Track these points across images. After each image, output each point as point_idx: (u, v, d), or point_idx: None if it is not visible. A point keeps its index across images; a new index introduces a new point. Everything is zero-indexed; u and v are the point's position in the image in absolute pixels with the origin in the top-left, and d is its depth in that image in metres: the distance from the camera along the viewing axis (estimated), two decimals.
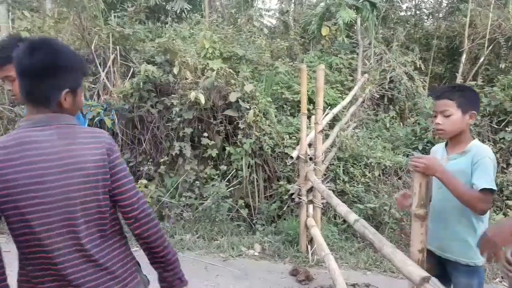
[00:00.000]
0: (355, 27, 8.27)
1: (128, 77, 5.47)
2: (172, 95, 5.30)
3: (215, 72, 5.09)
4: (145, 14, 8.76)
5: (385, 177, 5.27)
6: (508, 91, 5.93)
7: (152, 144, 5.50)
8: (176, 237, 4.48)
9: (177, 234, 4.54)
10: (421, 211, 1.82)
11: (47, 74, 1.33)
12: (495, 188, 1.87)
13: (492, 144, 5.52)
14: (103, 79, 5.65)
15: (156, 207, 4.96)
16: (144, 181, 5.02)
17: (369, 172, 5.22)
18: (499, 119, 5.77)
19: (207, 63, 5.41)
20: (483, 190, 1.86)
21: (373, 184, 5.14)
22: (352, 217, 2.44)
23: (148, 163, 5.30)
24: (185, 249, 4.24)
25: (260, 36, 8.09)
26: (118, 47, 5.85)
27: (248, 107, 5.12)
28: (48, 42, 1.37)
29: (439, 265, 2.10)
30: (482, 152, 1.96)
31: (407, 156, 5.62)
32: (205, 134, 5.19)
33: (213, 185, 4.99)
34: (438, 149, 2.22)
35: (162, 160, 5.19)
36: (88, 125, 5.38)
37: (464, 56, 8.33)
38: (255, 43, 7.05)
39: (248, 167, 5.18)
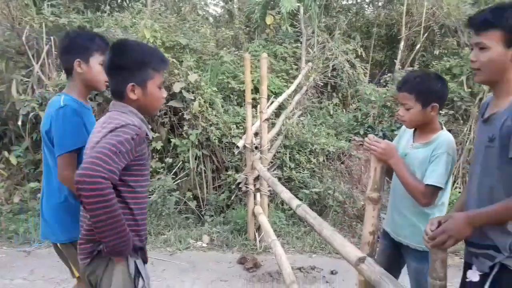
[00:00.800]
0: (299, 16, 8.38)
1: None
2: None
3: None
4: (83, 3, 8.34)
5: (329, 162, 5.44)
6: (442, 75, 6.29)
7: None
8: None
9: None
10: (375, 194, 1.87)
11: (112, 71, 1.61)
12: (441, 186, 1.89)
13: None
14: (37, 72, 5.32)
15: None
16: None
17: (314, 158, 5.36)
18: None
19: None
20: (429, 186, 1.90)
21: (318, 169, 5.29)
22: (294, 202, 2.50)
23: None
24: None
25: (204, 25, 7.98)
26: (52, 37, 5.52)
27: (193, 97, 5.05)
28: (119, 43, 1.64)
29: (395, 247, 2.18)
30: (443, 146, 1.94)
31: (349, 141, 5.83)
32: (149, 126, 5.06)
33: (158, 178, 4.90)
34: (407, 132, 2.19)
35: None
36: (22, 122, 5.08)
37: (402, 43, 8.70)
38: (200, 32, 6.94)
39: (196, 159, 5.13)
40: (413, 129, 2.12)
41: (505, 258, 1.50)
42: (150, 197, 4.76)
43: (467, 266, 1.67)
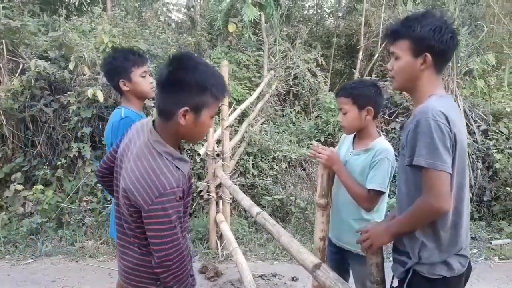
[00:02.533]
0: (261, 25, 8.46)
1: (17, 74, 4.96)
2: (69, 93, 4.92)
3: None
4: (39, 6, 8.02)
5: (291, 169, 5.49)
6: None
7: (48, 146, 5.07)
8: (77, 244, 4.19)
9: (78, 241, 4.25)
10: (323, 200, 1.92)
11: (168, 87, 1.38)
12: (383, 190, 1.99)
13: (385, 134, 6.06)
14: None
15: (55, 214, 4.59)
16: (40, 187, 4.61)
17: (276, 165, 5.40)
18: (391, 111, 6.34)
19: (103, 59, 5.11)
20: (372, 190, 1.98)
21: (280, 176, 5.33)
22: (255, 210, 2.50)
23: (44, 166, 4.88)
24: (87, 256, 3.99)
25: (166, 31, 7.89)
26: (4, 41, 5.26)
27: (153, 104, 4.96)
28: (183, 56, 1.40)
29: (338, 253, 2.24)
30: (382, 152, 2.03)
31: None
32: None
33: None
34: (347, 140, 2.27)
35: (59, 163, 4.81)
36: None
37: (361, 53, 8.96)
38: (161, 38, 6.85)
39: None
40: (352, 136, 2.22)
41: (415, 264, 1.56)
42: (107, 206, 4.62)
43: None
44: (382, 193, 2.01)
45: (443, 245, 1.53)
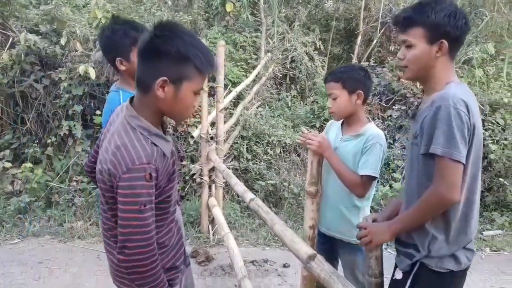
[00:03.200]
0: (259, 5, 8.27)
1: (7, 48, 4.80)
2: (60, 69, 4.78)
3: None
4: None
5: (285, 154, 5.44)
6: (396, 72, 6.45)
7: (38, 123, 4.96)
8: (65, 225, 4.13)
9: (67, 221, 4.19)
10: (312, 188, 1.87)
11: (146, 56, 1.27)
12: (376, 175, 1.96)
13: (381, 121, 6.01)
14: None
15: (44, 193, 4.51)
16: (30, 165, 4.52)
17: (271, 150, 5.34)
18: (387, 98, 6.27)
19: (98, 34, 4.96)
20: (364, 176, 1.95)
21: (274, 161, 5.27)
22: (248, 196, 2.43)
23: (34, 144, 4.78)
24: (76, 237, 3.94)
25: (162, 8, 7.68)
26: None
27: None
28: (165, 24, 1.28)
29: (327, 243, 2.20)
30: (374, 138, 2.01)
31: None
32: (98, 112, 4.80)
33: None
34: (334, 127, 2.24)
35: (49, 141, 4.71)
36: None
37: (359, 38, 8.83)
38: (156, 16, 6.66)
39: None
40: (340, 122, 2.19)
41: (423, 257, 1.54)
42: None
43: (396, 265, 1.71)
44: (375, 178, 2.00)
45: (454, 238, 1.51)
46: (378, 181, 4.36)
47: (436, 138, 1.41)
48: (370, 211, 2.24)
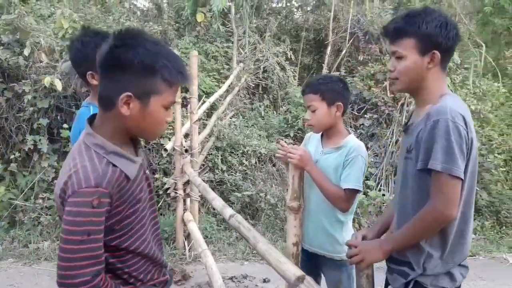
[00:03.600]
0: (230, 16, 8.26)
1: None
2: (24, 81, 4.56)
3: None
4: None
5: (261, 164, 5.38)
6: (366, 81, 6.56)
7: (0, 138, 4.69)
8: (31, 246, 3.89)
9: (33, 242, 3.95)
10: (295, 203, 1.81)
11: (107, 69, 1.12)
12: (359, 188, 1.91)
13: (354, 130, 6.06)
14: None
15: (7, 212, 4.25)
16: None
17: (246, 160, 5.27)
18: (359, 107, 6.35)
19: (66, 45, 4.77)
20: (348, 190, 1.90)
21: (250, 171, 5.20)
22: (227, 211, 2.34)
23: None
24: (42, 259, 3.71)
25: (131, 18, 7.53)
26: None
27: None
28: (126, 32, 1.12)
29: (309, 259, 2.11)
30: (355, 150, 1.95)
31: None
32: (66, 126, 4.58)
33: None
34: (313, 139, 2.17)
35: (13, 156, 4.46)
36: None
37: (329, 48, 8.95)
38: (124, 26, 6.50)
39: None
40: (319, 135, 2.13)
41: (418, 276, 1.49)
42: None
43: (387, 282, 1.67)
44: (358, 191, 1.94)
45: (450, 255, 1.47)
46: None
47: (435, 153, 1.37)
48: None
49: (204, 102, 4.68)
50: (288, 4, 11.43)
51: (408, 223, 1.46)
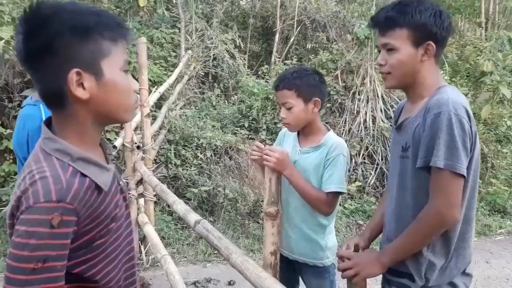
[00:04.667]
0: (175, 0, 7.85)
1: None
2: None
3: (2, 42, 3.97)
4: None
5: (217, 157, 5.15)
6: (318, 70, 6.50)
7: None
8: None
9: None
10: (272, 209, 1.63)
11: (33, 58, 0.87)
12: (343, 190, 1.77)
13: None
14: None
15: None
16: None
17: (201, 153, 5.02)
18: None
19: None
20: (331, 193, 1.75)
21: (205, 165, 4.96)
22: (192, 217, 2.10)
23: None
24: None
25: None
26: None
27: None
28: (35, 7, 0.85)
29: (288, 266, 1.95)
30: (336, 148, 1.80)
31: (235, 134, 5.62)
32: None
33: (14, 185, 3.98)
34: (290, 138, 1.98)
35: None
36: None
37: (277, 36, 8.85)
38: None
39: None
40: (295, 133, 1.96)
41: None
42: (2, 209, 3.83)
43: None
44: (341, 193, 1.80)
45: (453, 262, 1.35)
46: None
47: (437, 149, 1.24)
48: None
49: (151, 91, 4.34)
50: None
51: (408, 229, 1.34)
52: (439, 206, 1.26)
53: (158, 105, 5.34)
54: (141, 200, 3.64)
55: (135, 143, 3.45)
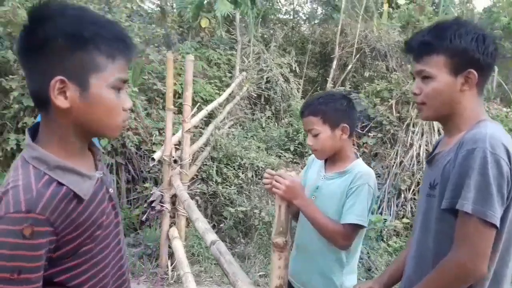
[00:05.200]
0: (235, 23, 8.08)
1: None
2: (11, 77, 4.33)
3: None
4: None
5: (258, 178, 5.09)
6: (372, 98, 6.31)
7: None
8: None
9: None
10: (280, 239, 1.50)
11: (28, 56, 0.88)
12: (363, 224, 1.61)
13: (357, 148, 5.78)
14: None
15: None
16: None
17: (242, 173, 5.00)
18: (363, 124, 6.09)
19: None
20: (348, 225, 1.60)
21: (245, 185, 4.92)
22: (210, 237, 2.06)
23: None
24: None
25: (133, 20, 7.36)
26: None
27: None
28: (41, 6, 0.86)
29: None
30: (362, 177, 1.65)
31: (279, 157, 5.56)
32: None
33: None
34: (317, 162, 1.87)
35: None
36: None
37: (334, 63, 8.76)
38: (126, 27, 6.30)
39: (108, 167, 4.50)
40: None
41: None
42: None
43: None
44: (361, 227, 1.63)
45: None
46: None
47: (466, 191, 1.09)
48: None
49: (200, 109, 4.43)
50: (296, 16, 11.31)
51: (425, 279, 1.18)
52: (463, 256, 1.10)
53: (207, 122, 5.45)
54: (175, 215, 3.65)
55: (173, 158, 3.50)
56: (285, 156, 5.49)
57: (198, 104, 4.99)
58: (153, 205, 3.62)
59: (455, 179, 1.13)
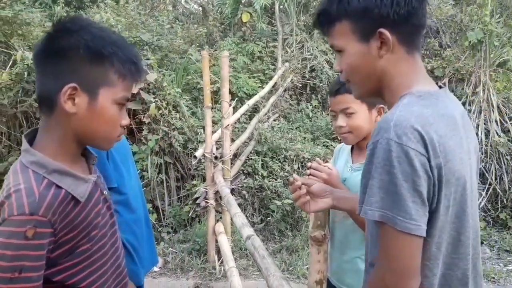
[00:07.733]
0: (275, 13, 7.99)
1: (8, 67, 4.65)
2: None
3: None
4: None
5: (304, 169, 5.02)
6: None
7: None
8: None
9: None
10: (318, 233, 1.46)
11: (44, 60, 0.97)
12: None
13: None
14: None
15: None
16: None
17: (288, 165, 4.95)
18: None
19: None
20: None
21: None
22: (246, 232, 2.06)
23: None
24: None
25: (177, 21, 7.53)
26: None
27: (152, 99, 4.57)
28: (66, 19, 0.99)
29: None
30: None
31: (327, 147, 5.43)
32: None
33: None
34: (344, 153, 1.73)
35: None
36: None
37: None
38: (165, 29, 6.46)
39: (157, 167, 4.66)
40: (349, 147, 1.68)
41: None
42: None
43: None
44: None
45: None
46: None
47: (369, 194, 0.90)
48: None
49: (240, 104, 4.44)
50: None
51: None
52: (381, 273, 0.93)
53: (251, 116, 5.45)
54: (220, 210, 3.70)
55: (214, 154, 3.54)
56: (332, 146, 5.35)
57: (236, 99, 5.01)
58: (198, 201, 3.69)
59: (363, 180, 0.94)
